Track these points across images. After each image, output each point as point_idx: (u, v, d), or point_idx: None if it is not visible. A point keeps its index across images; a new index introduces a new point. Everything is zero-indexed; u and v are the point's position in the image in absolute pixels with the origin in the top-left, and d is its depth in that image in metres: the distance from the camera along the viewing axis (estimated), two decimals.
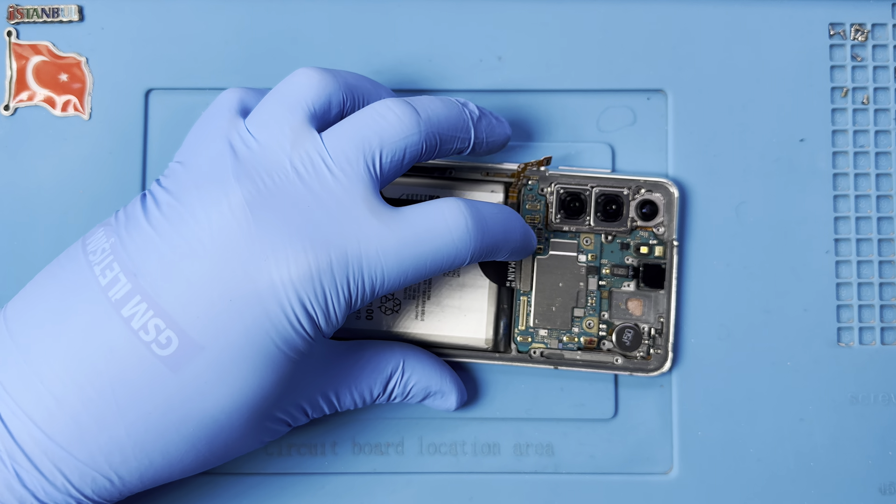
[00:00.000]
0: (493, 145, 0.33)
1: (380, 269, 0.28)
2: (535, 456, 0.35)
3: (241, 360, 0.27)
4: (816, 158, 0.36)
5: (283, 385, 0.29)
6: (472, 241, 0.29)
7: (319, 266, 0.27)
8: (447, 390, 0.34)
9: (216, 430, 0.28)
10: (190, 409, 0.28)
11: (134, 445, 0.27)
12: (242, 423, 0.29)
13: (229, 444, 0.29)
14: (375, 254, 0.28)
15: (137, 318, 0.27)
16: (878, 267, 0.36)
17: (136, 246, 0.28)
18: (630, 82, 0.36)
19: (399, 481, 0.35)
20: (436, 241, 0.29)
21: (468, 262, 0.30)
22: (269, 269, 0.27)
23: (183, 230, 0.28)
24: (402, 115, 0.29)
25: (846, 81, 0.36)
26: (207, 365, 0.27)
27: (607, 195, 0.35)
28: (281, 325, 0.27)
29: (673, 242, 0.35)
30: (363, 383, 0.32)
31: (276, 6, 0.36)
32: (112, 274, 0.28)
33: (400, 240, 0.28)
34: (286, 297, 0.27)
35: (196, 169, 0.29)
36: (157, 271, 0.27)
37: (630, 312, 0.35)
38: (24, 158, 0.35)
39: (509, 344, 0.35)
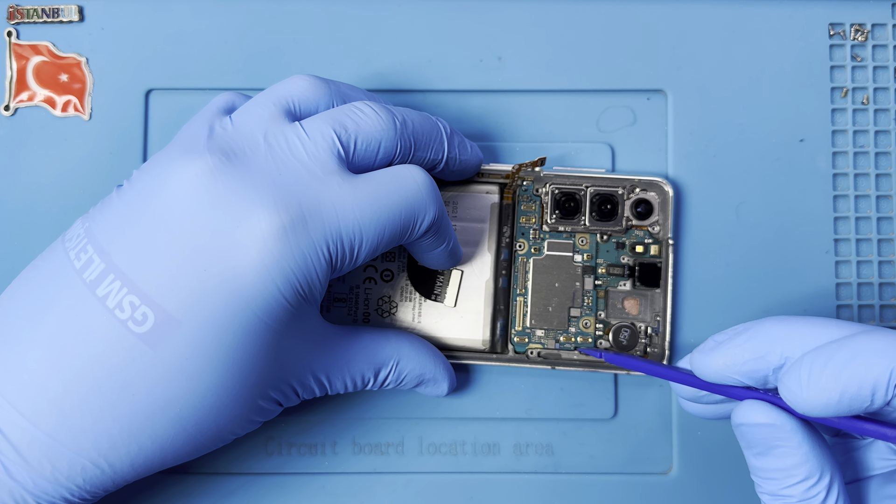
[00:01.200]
0: (465, 164, 0.33)
1: (356, 225, 0.28)
2: (534, 456, 0.35)
3: (221, 333, 0.27)
4: (816, 158, 0.36)
5: (270, 359, 0.28)
6: (431, 184, 0.30)
7: (294, 224, 0.27)
8: (440, 378, 0.33)
9: (204, 409, 0.28)
10: (174, 388, 0.27)
11: (121, 430, 0.27)
12: (231, 401, 0.28)
13: (220, 424, 0.28)
14: (351, 210, 0.28)
15: (112, 296, 0.26)
16: (878, 267, 0.36)
17: (108, 224, 0.28)
18: (630, 82, 0.36)
19: (399, 481, 0.35)
20: (403, 189, 0.29)
21: (431, 210, 0.30)
22: (241, 234, 0.27)
23: (152, 202, 0.27)
24: (379, 111, 0.30)
25: (846, 81, 0.36)
26: (187, 340, 0.27)
27: (602, 195, 0.35)
28: (259, 293, 0.27)
29: (668, 241, 0.35)
30: (356, 368, 0.32)
31: (276, 6, 0.36)
32: (86, 256, 0.27)
33: (371, 193, 0.28)
34: (261, 262, 0.27)
35: (170, 148, 0.29)
36: (128, 247, 0.27)
37: (626, 312, 0.35)
38: (24, 158, 0.35)
39: (506, 344, 0.35)
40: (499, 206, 0.35)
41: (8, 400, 0.27)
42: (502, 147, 0.36)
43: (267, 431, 0.35)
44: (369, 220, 0.28)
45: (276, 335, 0.28)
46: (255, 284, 0.27)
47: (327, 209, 0.28)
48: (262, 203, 0.27)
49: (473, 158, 0.33)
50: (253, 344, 0.27)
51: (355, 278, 0.35)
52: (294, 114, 0.30)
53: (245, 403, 0.29)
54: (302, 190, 0.28)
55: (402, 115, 0.30)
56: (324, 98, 0.30)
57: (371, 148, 0.29)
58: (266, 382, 0.29)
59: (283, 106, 0.29)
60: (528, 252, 0.34)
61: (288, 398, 0.30)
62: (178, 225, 0.27)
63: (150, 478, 0.34)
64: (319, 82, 0.30)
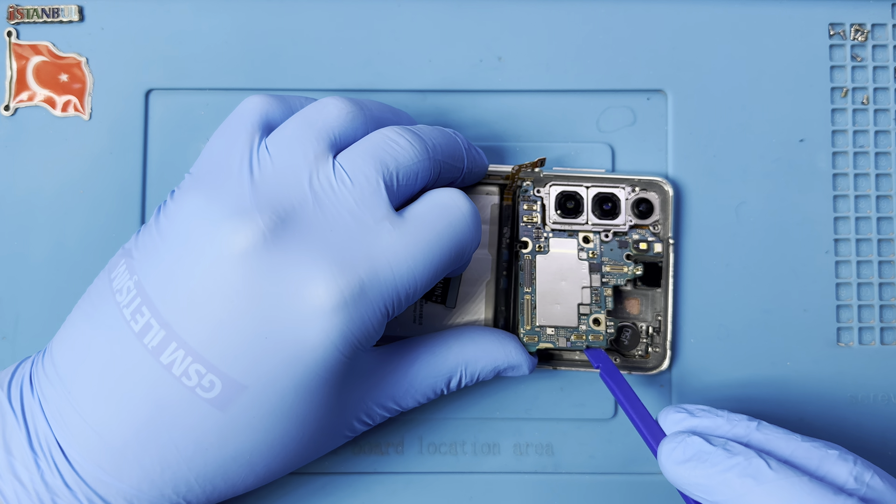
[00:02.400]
0: (475, 174, 0.33)
1: (411, 277, 0.28)
2: (534, 456, 0.35)
3: (284, 394, 0.28)
4: (816, 158, 0.36)
5: (332, 405, 0.29)
6: (474, 209, 0.30)
7: (353, 295, 0.27)
8: (514, 364, 0.33)
9: (271, 455, 0.29)
10: (244, 442, 0.28)
11: (197, 477, 0.28)
12: (297, 447, 0.29)
13: (287, 463, 0.30)
14: (405, 261, 0.28)
15: (177, 364, 0.27)
16: (878, 267, 0.36)
17: (162, 286, 0.28)
18: (630, 82, 0.36)
19: (399, 481, 0.35)
20: (452, 226, 0.29)
21: (477, 237, 0.30)
22: (300, 305, 0.27)
23: (207, 267, 0.27)
24: (413, 140, 0.30)
25: (846, 81, 0.36)
26: (252, 402, 0.28)
27: (602, 194, 0.35)
28: (320, 356, 0.27)
29: (669, 241, 0.35)
30: (424, 386, 0.32)
31: (276, 6, 0.36)
32: (143, 320, 0.28)
33: (423, 238, 0.29)
34: (321, 326, 0.27)
35: (213, 194, 0.28)
36: (187, 315, 0.27)
37: (627, 311, 0.35)
38: (24, 158, 0.35)
39: None
40: (499, 207, 0.35)
41: (91, 458, 0.28)
42: (502, 147, 0.36)
43: None
44: (422, 267, 0.29)
45: (337, 386, 0.29)
46: (316, 349, 0.27)
47: (383, 269, 0.28)
48: (321, 272, 0.27)
49: (482, 166, 0.34)
50: (315, 398, 0.28)
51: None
52: (332, 144, 0.29)
53: (313, 444, 0.30)
54: (357, 249, 0.28)
55: (430, 139, 0.30)
56: (360, 126, 0.30)
57: (411, 180, 0.29)
58: (331, 426, 0.30)
59: (325, 140, 0.29)
60: (533, 251, 0.34)
61: (357, 430, 0.32)
62: (235, 294, 0.27)
63: None
64: (356, 110, 0.30)
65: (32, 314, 0.35)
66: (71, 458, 0.28)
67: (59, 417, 0.28)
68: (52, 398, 0.28)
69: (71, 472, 0.28)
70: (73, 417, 0.28)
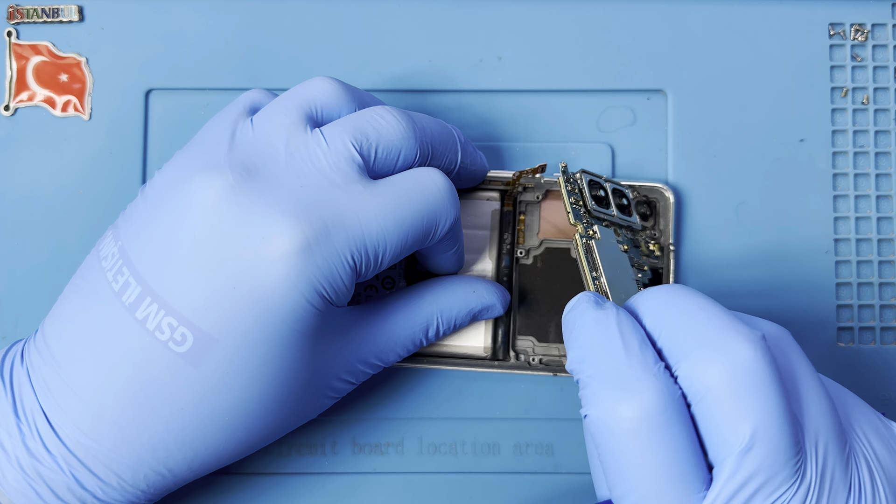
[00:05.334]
0: (473, 174, 0.33)
1: (380, 232, 0.28)
2: (534, 456, 0.35)
3: (255, 346, 0.28)
4: (816, 158, 0.36)
5: (309, 361, 0.29)
6: (451, 187, 0.30)
7: (317, 237, 0.27)
8: (487, 303, 0.33)
9: (251, 416, 0.29)
10: (219, 399, 0.28)
11: (175, 440, 0.28)
12: (277, 406, 0.29)
13: (270, 426, 0.30)
14: (374, 217, 0.28)
15: (151, 318, 0.27)
16: (878, 267, 0.36)
17: (140, 244, 0.28)
18: (630, 82, 0.36)
19: (399, 481, 0.35)
20: (425, 194, 0.29)
21: (451, 213, 0.30)
22: (266, 251, 0.27)
23: (178, 221, 0.28)
24: (399, 118, 0.30)
25: (846, 81, 0.36)
26: (225, 356, 0.27)
27: (618, 189, 0.34)
28: (288, 305, 0.27)
29: (670, 247, 0.35)
30: (403, 338, 0.32)
31: (276, 6, 0.36)
32: (123, 279, 0.28)
33: (393, 200, 0.29)
34: (287, 276, 0.27)
35: (193, 157, 0.29)
36: (161, 270, 0.28)
37: None
38: (24, 158, 0.35)
39: (508, 352, 0.35)
40: (500, 213, 0.35)
41: (71, 420, 0.28)
42: (502, 147, 0.36)
43: None
44: (392, 227, 0.29)
45: (310, 339, 0.29)
46: (284, 297, 0.27)
47: (350, 218, 0.28)
48: (285, 218, 0.27)
49: (481, 167, 0.34)
50: (288, 352, 0.28)
51: (356, 286, 0.35)
52: (316, 119, 0.30)
53: (293, 405, 0.30)
54: (324, 201, 0.28)
55: (420, 122, 0.31)
56: (346, 103, 0.30)
57: (391, 156, 0.30)
58: (311, 383, 0.30)
59: (306, 111, 0.29)
60: (586, 235, 0.32)
61: (341, 390, 0.31)
62: (205, 245, 0.27)
63: None
64: (342, 86, 0.30)
65: (32, 314, 0.35)
66: (53, 423, 0.28)
67: (44, 383, 0.28)
68: (39, 366, 0.29)
69: (52, 437, 0.28)
70: (56, 381, 0.28)
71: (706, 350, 0.25)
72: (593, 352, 0.27)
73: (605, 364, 0.26)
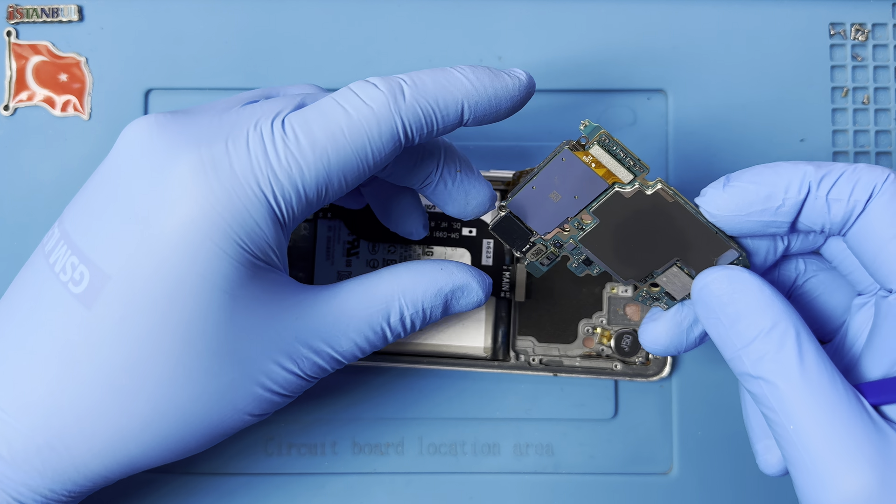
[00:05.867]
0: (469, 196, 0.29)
1: (291, 155, 0.25)
2: (535, 456, 0.35)
3: (151, 286, 0.24)
4: (817, 158, 0.36)
5: (222, 324, 0.25)
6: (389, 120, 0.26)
7: (215, 159, 0.24)
8: (460, 282, 0.29)
9: (152, 381, 0.25)
10: (113, 351, 0.25)
11: (70, 403, 0.25)
12: (186, 377, 0.25)
13: (185, 408, 0.26)
14: (284, 146, 0.25)
15: (60, 261, 0.25)
16: None
17: (73, 200, 0.27)
18: (630, 82, 0.36)
19: (399, 481, 0.35)
20: (344, 108, 0.26)
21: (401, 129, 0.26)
22: (164, 177, 0.25)
23: (102, 166, 0.27)
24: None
25: (846, 81, 0.36)
26: (117, 295, 0.25)
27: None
28: (184, 239, 0.24)
29: None
30: (358, 323, 0.27)
31: (276, 6, 0.36)
32: (51, 234, 0.27)
33: (310, 119, 0.25)
34: (181, 200, 0.24)
35: None
36: (74, 210, 0.26)
37: (629, 318, 0.35)
38: (23, 159, 0.35)
39: (508, 352, 0.35)
40: None
41: None
42: (503, 147, 0.36)
43: (266, 431, 0.35)
44: (307, 147, 0.25)
45: (222, 293, 0.25)
46: (178, 229, 0.24)
47: (256, 146, 0.25)
48: (188, 143, 0.25)
49: (481, 191, 0.29)
50: (190, 301, 0.25)
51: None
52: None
53: (211, 382, 0.26)
54: (234, 130, 0.25)
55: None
56: None
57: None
58: (234, 358, 0.26)
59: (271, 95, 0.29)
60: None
61: (283, 381, 0.27)
62: (112, 180, 0.26)
63: (148, 477, 0.34)
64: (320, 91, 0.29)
65: None
66: None
67: None
68: None
69: None
70: None
71: None
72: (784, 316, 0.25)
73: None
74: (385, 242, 0.35)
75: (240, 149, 0.25)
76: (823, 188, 0.26)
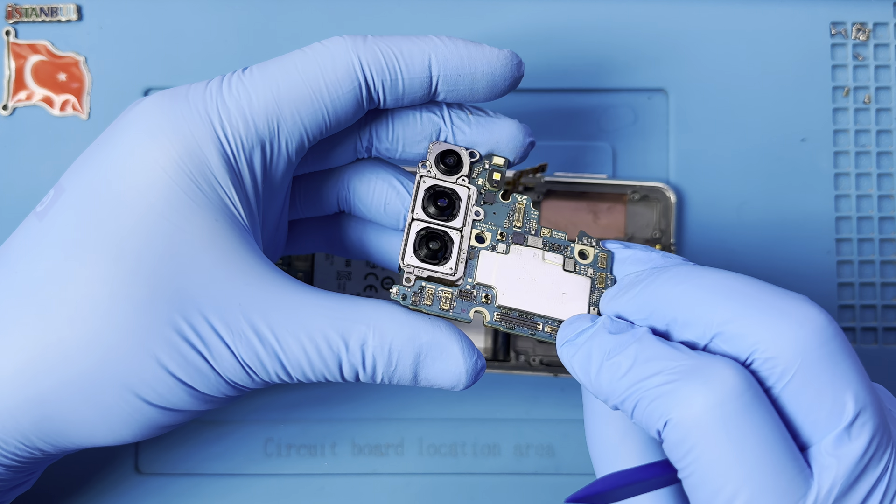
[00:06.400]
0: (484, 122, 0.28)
1: (245, 95, 0.25)
2: (535, 457, 0.35)
3: (96, 198, 0.24)
4: (818, 158, 0.36)
5: (161, 254, 0.24)
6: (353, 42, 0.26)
7: (175, 94, 0.25)
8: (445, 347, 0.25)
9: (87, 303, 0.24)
10: (47, 257, 0.24)
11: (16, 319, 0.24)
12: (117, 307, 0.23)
13: (109, 341, 0.24)
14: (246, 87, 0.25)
15: (42, 201, 0.26)
16: (880, 267, 0.36)
17: None
18: (631, 82, 0.36)
19: (399, 482, 0.35)
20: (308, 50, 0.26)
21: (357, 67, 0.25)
22: (130, 111, 0.25)
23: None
24: None
25: (847, 81, 0.36)
26: (65, 204, 0.25)
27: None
28: (132, 159, 0.24)
29: (671, 248, 0.35)
30: (313, 327, 0.24)
31: (275, 6, 0.36)
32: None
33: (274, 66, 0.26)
34: (133, 122, 0.25)
35: None
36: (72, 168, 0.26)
37: None
38: (22, 158, 0.35)
39: (508, 352, 0.34)
40: None
41: None
42: None
43: (266, 433, 0.35)
44: (258, 75, 0.25)
45: (168, 224, 0.24)
46: (126, 148, 0.24)
47: (215, 80, 0.26)
48: (161, 93, 0.26)
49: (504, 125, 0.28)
50: (131, 221, 0.24)
51: (355, 286, 0.35)
52: None
53: (142, 317, 0.24)
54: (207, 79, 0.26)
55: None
56: None
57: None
58: (164, 295, 0.24)
59: None
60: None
61: (213, 346, 0.24)
62: (105, 135, 0.26)
63: (147, 477, 0.34)
64: None
65: None
66: None
67: None
68: None
69: None
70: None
71: (769, 320, 0.22)
72: (640, 369, 0.22)
73: (663, 371, 0.22)
74: None
75: (199, 85, 0.26)
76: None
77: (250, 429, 0.35)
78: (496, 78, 0.26)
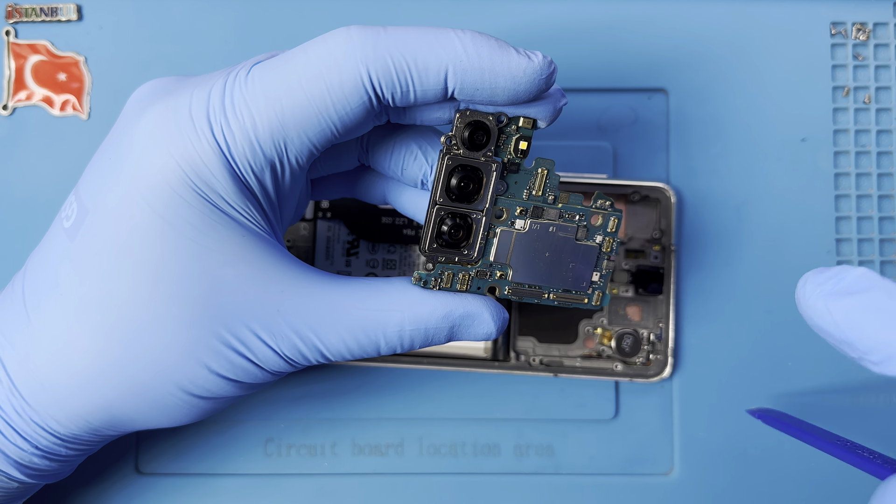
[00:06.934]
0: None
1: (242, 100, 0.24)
2: (535, 457, 0.35)
3: (118, 219, 0.25)
4: (818, 158, 0.36)
5: (194, 274, 0.25)
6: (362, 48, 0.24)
7: (178, 104, 0.25)
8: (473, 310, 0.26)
9: (124, 321, 0.25)
10: (89, 283, 0.25)
11: (52, 337, 0.26)
12: (157, 324, 0.25)
13: (154, 355, 0.25)
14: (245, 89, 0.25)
15: (66, 208, 0.26)
16: (880, 267, 0.36)
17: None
18: (631, 81, 0.36)
19: (399, 482, 0.35)
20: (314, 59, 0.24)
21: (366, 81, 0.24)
22: (138, 123, 0.25)
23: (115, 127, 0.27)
24: None
25: (848, 81, 0.36)
26: (91, 226, 0.25)
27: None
28: (145, 174, 0.24)
29: (671, 248, 0.35)
30: (352, 321, 0.26)
31: (275, 6, 0.36)
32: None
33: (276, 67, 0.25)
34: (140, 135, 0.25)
35: None
36: (87, 171, 0.27)
37: (629, 318, 0.35)
38: (22, 158, 0.35)
39: (508, 352, 0.34)
40: None
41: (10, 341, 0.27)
42: None
43: (266, 432, 0.35)
44: (261, 95, 0.24)
45: (194, 245, 0.25)
46: (140, 171, 0.24)
47: (217, 89, 0.25)
48: (164, 94, 0.25)
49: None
50: (161, 245, 0.24)
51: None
52: None
53: (182, 335, 0.25)
54: (209, 79, 0.25)
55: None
56: None
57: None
58: (207, 313, 0.25)
59: None
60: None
61: (258, 353, 0.26)
62: (116, 132, 0.26)
63: (147, 477, 0.34)
64: None
65: None
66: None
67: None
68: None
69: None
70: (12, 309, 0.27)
71: None
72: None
73: None
74: (385, 243, 0.35)
75: (201, 96, 0.25)
76: None
77: (250, 429, 0.35)
78: (519, 93, 0.25)
